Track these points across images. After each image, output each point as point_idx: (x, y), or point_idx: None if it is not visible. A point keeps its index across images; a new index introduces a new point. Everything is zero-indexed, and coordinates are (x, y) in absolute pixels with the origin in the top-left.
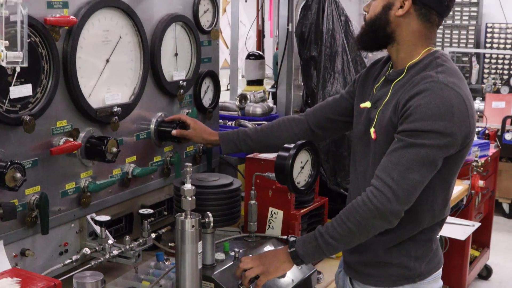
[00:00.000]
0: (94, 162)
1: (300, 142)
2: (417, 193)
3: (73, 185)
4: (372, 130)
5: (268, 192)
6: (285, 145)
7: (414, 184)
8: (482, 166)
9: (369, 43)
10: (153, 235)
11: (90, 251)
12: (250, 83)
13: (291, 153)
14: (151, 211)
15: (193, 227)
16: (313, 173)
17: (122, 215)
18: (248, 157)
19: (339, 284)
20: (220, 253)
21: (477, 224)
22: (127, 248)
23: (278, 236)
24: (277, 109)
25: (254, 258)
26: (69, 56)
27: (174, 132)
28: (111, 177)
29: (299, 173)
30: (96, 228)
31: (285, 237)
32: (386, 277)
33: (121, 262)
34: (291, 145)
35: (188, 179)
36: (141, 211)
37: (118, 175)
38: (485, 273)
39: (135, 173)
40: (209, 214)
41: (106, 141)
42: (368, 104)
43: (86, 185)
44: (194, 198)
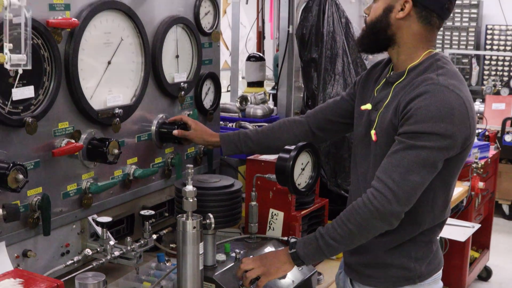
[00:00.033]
0: (96, 163)
1: (301, 144)
2: (418, 195)
3: (75, 186)
4: (373, 132)
5: (269, 194)
6: (286, 147)
7: (415, 186)
8: (482, 167)
9: (369, 45)
10: (154, 236)
11: (91, 252)
12: (250, 84)
13: (292, 154)
14: (152, 212)
15: (194, 228)
16: (313, 174)
17: (123, 216)
18: (249, 158)
19: (339, 285)
20: (221, 254)
21: (477, 226)
22: (128, 249)
23: (278, 237)
24: (277, 110)
25: (255, 259)
26: (71, 58)
27: (175, 132)
28: (113, 179)
29: (299, 174)
30: (98, 229)
31: (285, 238)
32: (387, 278)
33: (122, 263)
34: (292, 147)
35: (189, 180)
36: (142, 212)
37: (120, 177)
38: (485, 275)
39: (136, 174)
40: (210, 216)
41: (107, 142)
42: (368, 106)
43: (88, 186)
44: (196, 200)
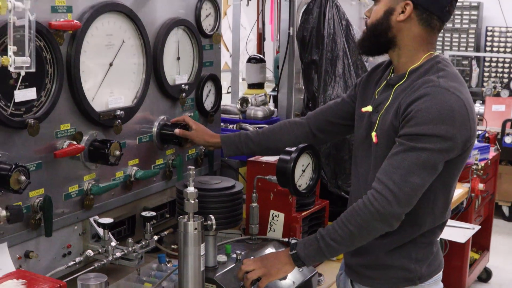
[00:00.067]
0: (97, 165)
1: (302, 146)
2: (418, 196)
3: (77, 187)
4: (374, 134)
5: (270, 195)
6: (287, 149)
7: (415, 188)
8: (482, 169)
9: (370, 48)
10: (155, 238)
11: (93, 253)
12: (251, 86)
13: (293, 156)
14: (153, 213)
15: (195, 229)
16: (314, 176)
17: (125, 218)
18: (250, 160)
19: (340, 286)
20: (222, 255)
21: (477, 227)
22: (129, 250)
23: (279, 239)
24: (278, 112)
25: (256, 260)
26: (73, 60)
27: (177, 131)
28: (114, 180)
29: (300, 176)
30: (99, 231)
31: (286, 239)
32: (387, 279)
33: (123, 264)
34: (293, 149)
35: (191, 182)
36: (143, 213)
37: (121, 178)
38: (484, 276)
39: (138, 176)
40: (212, 217)
41: (109, 144)
42: (369, 108)
43: (89, 187)
44: (197, 201)
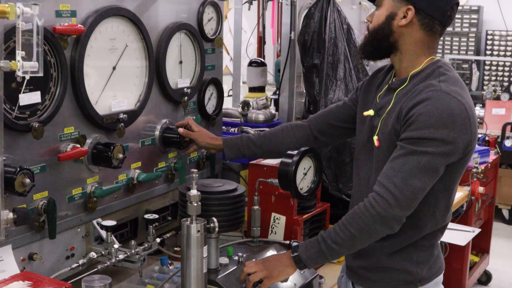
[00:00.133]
0: (100, 168)
1: (303, 149)
2: (419, 200)
3: (80, 190)
4: (375, 138)
5: (271, 198)
6: (289, 152)
7: (416, 191)
8: (482, 172)
9: (372, 52)
10: (157, 240)
11: (96, 255)
12: (252, 89)
13: (295, 159)
14: (156, 216)
15: (198, 232)
16: (315, 179)
17: (127, 220)
18: (252, 163)
19: None
20: (224, 258)
21: (477, 230)
22: (132, 252)
23: (280, 241)
24: (279, 116)
25: (257, 262)
26: (76, 64)
27: (180, 130)
28: (117, 183)
29: (302, 179)
30: (102, 233)
31: (287, 242)
32: (388, 281)
33: (126, 266)
34: (294, 152)
35: (193, 185)
36: (146, 216)
37: (124, 181)
38: (484, 279)
39: (140, 178)
40: (214, 219)
41: (112, 147)
42: (371, 112)
43: (93, 190)
44: (200, 204)
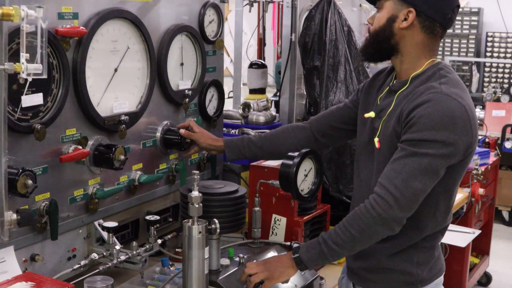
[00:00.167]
0: (102, 169)
1: (304, 151)
2: (419, 201)
3: (82, 191)
4: (376, 139)
5: (272, 199)
6: (289, 153)
7: (416, 192)
8: (482, 174)
9: (373, 54)
10: (159, 241)
11: (98, 257)
12: (252, 91)
13: (295, 161)
14: (157, 217)
15: (200, 233)
16: (316, 181)
17: (129, 221)
18: (252, 164)
19: None
20: (225, 259)
21: (477, 232)
22: (134, 253)
23: (281, 243)
24: (279, 117)
25: (259, 263)
26: (78, 65)
27: (182, 131)
28: (118, 184)
29: (302, 180)
30: (104, 234)
31: (288, 243)
32: (389, 283)
33: (127, 267)
34: (295, 154)
35: (195, 186)
36: (147, 217)
37: (125, 182)
38: (484, 280)
39: (142, 180)
40: (216, 221)
41: (114, 149)
42: (372, 114)
43: (94, 191)
44: (201, 205)
